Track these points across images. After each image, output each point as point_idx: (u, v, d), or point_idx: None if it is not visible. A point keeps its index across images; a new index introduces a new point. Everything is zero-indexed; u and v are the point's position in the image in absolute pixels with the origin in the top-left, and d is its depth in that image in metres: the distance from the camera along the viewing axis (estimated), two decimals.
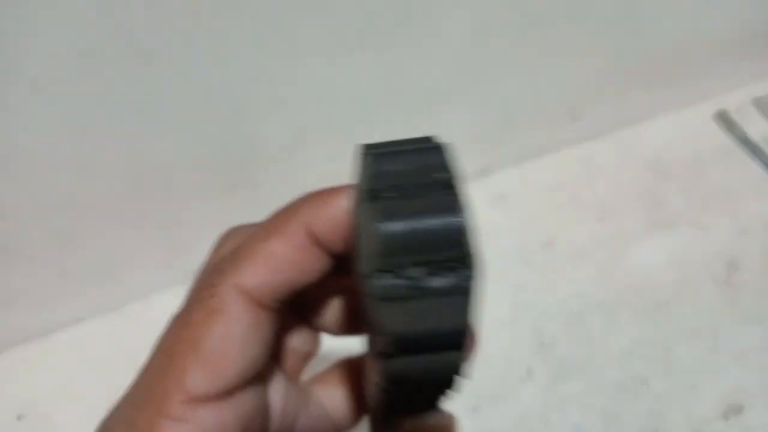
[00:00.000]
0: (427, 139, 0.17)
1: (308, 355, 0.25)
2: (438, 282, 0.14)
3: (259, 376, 0.20)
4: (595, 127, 0.64)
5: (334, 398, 0.25)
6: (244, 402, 0.19)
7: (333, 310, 0.24)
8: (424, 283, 0.14)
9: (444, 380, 0.17)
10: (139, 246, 0.54)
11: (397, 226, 0.14)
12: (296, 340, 0.24)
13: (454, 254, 0.14)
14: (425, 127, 0.56)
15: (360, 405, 0.25)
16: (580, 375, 0.47)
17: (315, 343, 0.25)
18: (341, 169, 0.56)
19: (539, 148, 0.62)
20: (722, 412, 0.44)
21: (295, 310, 0.24)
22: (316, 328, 0.25)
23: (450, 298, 0.14)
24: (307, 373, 0.28)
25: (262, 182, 0.53)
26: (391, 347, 0.15)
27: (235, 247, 0.20)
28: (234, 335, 0.18)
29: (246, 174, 0.53)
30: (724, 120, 0.64)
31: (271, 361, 0.22)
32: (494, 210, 0.59)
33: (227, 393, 0.18)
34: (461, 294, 0.14)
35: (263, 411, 0.21)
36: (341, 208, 0.19)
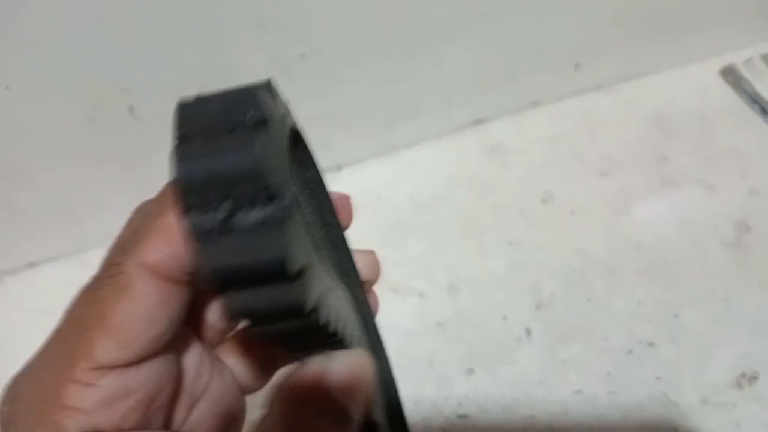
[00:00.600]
0: (255, 85, 0.17)
1: (226, 329, 0.25)
2: (245, 216, 0.14)
3: (171, 346, 0.21)
4: (599, 79, 0.60)
5: (239, 363, 0.25)
6: (151, 369, 0.20)
7: None
8: (232, 217, 0.14)
9: (295, 313, 0.17)
10: (101, 184, 0.49)
11: (194, 166, 0.14)
12: (214, 314, 0.24)
13: (256, 188, 0.14)
14: (424, 64, 0.51)
15: (266, 367, 0.26)
16: (581, 337, 0.44)
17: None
18: (326, 107, 0.51)
19: (539, 97, 0.58)
20: (735, 379, 0.41)
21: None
22: None
23: (259, 231, 0.14)
24: None
25: None
26: (213, 282, 0.15)
27: (137, 224, 0.20)
28: (140, 311, 0.18)
29: None
30: (732, 76, 0.60)
31: (187, 330, 0.22)
32: (490, 161, 0.55)
33: (134, 362, 0.19)
34: (270, 226, 0.14)
35: (172, 377, 0.21)
36: None
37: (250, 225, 0.14)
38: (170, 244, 0.19)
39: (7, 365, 0.47)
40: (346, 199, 0.25)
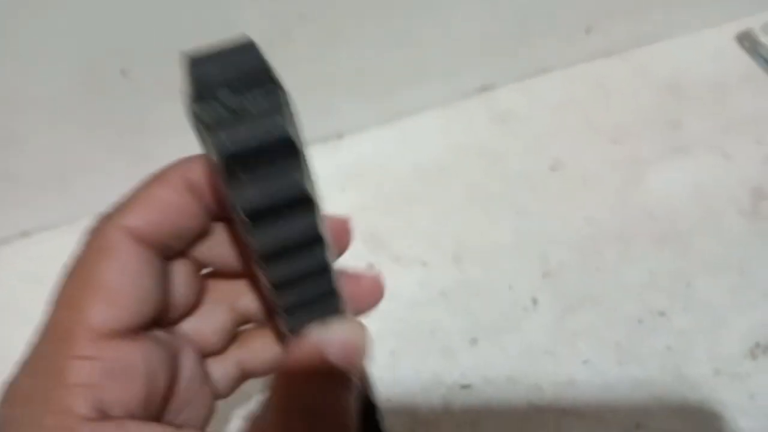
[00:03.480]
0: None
1: (225, 342, 0.25)
2: (250, 101, 0.16)
3: (166, 342, 0.21)
4: (611, 44, 0.58)
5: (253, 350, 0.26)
6: (150, 348, 0.20)
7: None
8: (239, 104, 0.16)
9: (310, 242, 0.19)
10: (95, 151, 0.48)
11: (205, 67, 0.16)
12: (214, 326, 0.24)
13: (258, 78, 0.16)
14: (428, 27, 0.50)
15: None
16: (590, 306, 0.43)
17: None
18: (327, 70, 0.49)
19: (549, 63, 0.56)
20: (749, 349, 0.40)
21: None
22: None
23: (265, 116, 0.16)
24: None
25: None
26: (230, 169, 0.16)
27: (123, 199, 0.21)
28: (125, 269, 0.19)
29: None
30: (749, 41, 0.58)
31: (185, 337, 0.23)
32: (497, 129, 0.53)
33: (132, 332, 0.19)
34: (273, 110, 0.16)
35: (168, 368, 0.21)
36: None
37: (253, 109, 0.16)
38: (152, 210, 0.20)
39: (2, 335, 0.46)
40: (344, 223, 0.24)
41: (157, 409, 0.20)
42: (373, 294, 0.25)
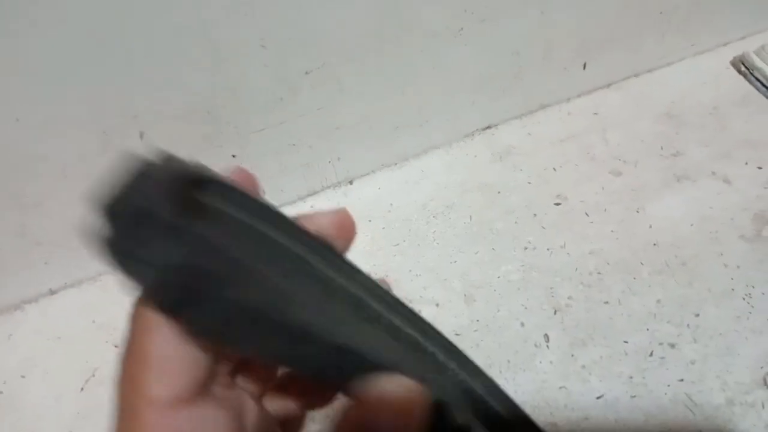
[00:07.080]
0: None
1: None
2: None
3: (230, 398, 0.22)
4: (607, 77, 0.59)
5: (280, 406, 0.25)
6: (211, 408, 0.21)
7: None
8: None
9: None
10: None
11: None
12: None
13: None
14: (428, 73, 0.51)
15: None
16: (601, 341, 0.43)
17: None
18: (334, 120, 0.51)
19: (547, 98, 0.58)
20: (761, 378, 0.41)
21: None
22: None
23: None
24: None
25: (249, 135, 0.48)
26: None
27: None
28: (169, 340, 0.19)
29: (230, 125, 0.48)
30: (745, 65, 0.59)
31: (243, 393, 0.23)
32: (500, 166, 0.55)
33: (191, 394, 0.20)
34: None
35: (235, 421, 0.21)
36: None
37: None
38: None
39: (30, 393, 0.48)
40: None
41: None
42: (343, 229, 0.23)
